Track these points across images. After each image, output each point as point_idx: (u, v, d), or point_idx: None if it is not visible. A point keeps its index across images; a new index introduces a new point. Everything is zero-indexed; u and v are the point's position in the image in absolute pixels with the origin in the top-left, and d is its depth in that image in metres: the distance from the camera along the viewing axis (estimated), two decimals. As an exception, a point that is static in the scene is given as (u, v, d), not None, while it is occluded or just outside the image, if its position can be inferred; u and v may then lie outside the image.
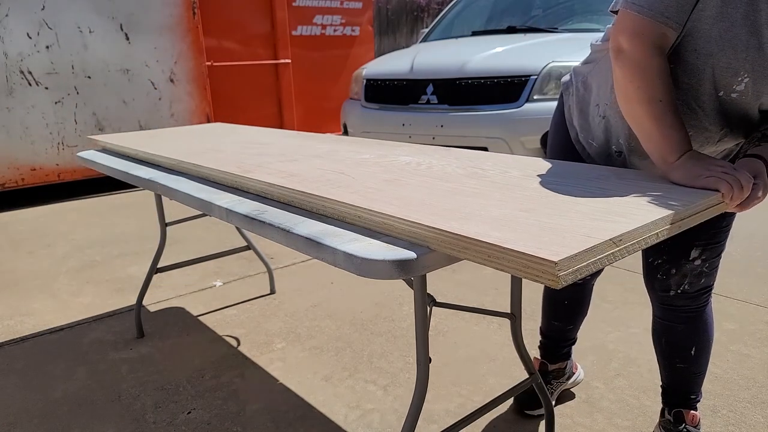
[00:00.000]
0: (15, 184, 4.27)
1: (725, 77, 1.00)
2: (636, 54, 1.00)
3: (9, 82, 4.11)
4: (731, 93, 1.02)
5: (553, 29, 3.82)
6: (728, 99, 1.03)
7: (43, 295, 2.62)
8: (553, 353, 1.66)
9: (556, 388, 1.66)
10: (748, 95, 1.01)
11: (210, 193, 1.27)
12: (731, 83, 1.00)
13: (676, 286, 1.29)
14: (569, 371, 1.69)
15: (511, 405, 1.68)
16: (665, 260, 1.28)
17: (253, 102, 5.70)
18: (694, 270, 1.26)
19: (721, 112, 1.06)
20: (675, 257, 1.26)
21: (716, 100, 1.03)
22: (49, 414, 1.72)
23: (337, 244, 0.87)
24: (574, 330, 1.64)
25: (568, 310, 1.59)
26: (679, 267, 1.27)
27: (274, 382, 1.84)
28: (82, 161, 1.99)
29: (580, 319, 1.62)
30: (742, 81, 0.99)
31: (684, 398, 1.41)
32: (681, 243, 1.25)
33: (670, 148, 0.99)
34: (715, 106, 1.05)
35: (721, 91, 1.02)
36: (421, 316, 1.01)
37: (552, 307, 1.61)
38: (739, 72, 0.98)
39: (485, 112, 3.33)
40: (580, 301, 1.58)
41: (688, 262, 1.25)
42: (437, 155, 1.41)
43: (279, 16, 5.68)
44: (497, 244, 0.74)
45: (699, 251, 1.24)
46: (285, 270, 2.82)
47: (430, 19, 11.70)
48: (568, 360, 1.68)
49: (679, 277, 1.28)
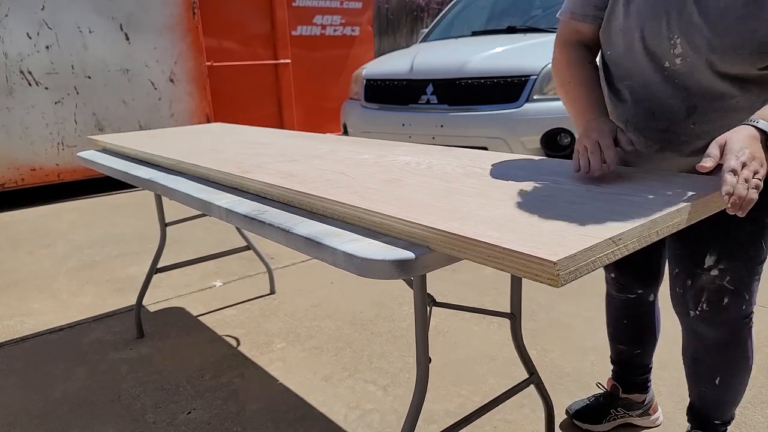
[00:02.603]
0: (15, 184, 4.27)
1: (659, 45, 1.03)
2: (554, 51, 1.22)
3: (9, 82, 4.11)
4: (675, 60, 1.02)
5: (553, 29, 3.82)
6: (676, 69, 1.03)
7: (43, 295, 2.62)
8: (625, 381, 1.52)
9: (617, 417, 1.54)
10: (691, 60, 1.00)
11: (210, 193, 1.27)
12: (668, 49, 1.02)
13: (694, 304, 1.16)
14: (644, 408, 1.54)
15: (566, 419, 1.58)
16: (681, 269, 1.18)
17: (253, 102, 5.70)
18: (711, 283, 1.13)
19: (677, 85, 1.05)
20: (689, 265, 1.15)
21: (664, 72, 1.05)
22: (49, 414, 1.72)
23: (337, 244, 0.87)
24: (644, 356, 1.49)
25: (631, 330, 1.46)
26: (693, 277, 1.15)
27: (274, 382, 1.84)
28: (82, 161, 1.99)
29: (648, 342, 1.47)
30: (676, 44, 1.01)
31: (706, 421, 1.30)
32: (694, 247, 1.14)
33: (576, 118, 1.14)
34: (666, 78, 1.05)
35: (665, 61, 1.04)
36: (420, 316, 1.01)
37: (614, 329, 1.50)
38: (670, 37, 1.01)
39: (485, 112, 3.33)
40: (641, 320, 1.45)
41: (704, 272, 1.13)
42: (437, 155, 1.41)
43: (279, 16, 5.69)
44: (496, 244, 0.74)
45: (714, 259, 1.11)
46: (285, 270, 2.82)
47: (430, 19, 11.70)
48: (645, 394, 1.53)
49: (694, 292, 1.15)
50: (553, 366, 1.86)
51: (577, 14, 1.15)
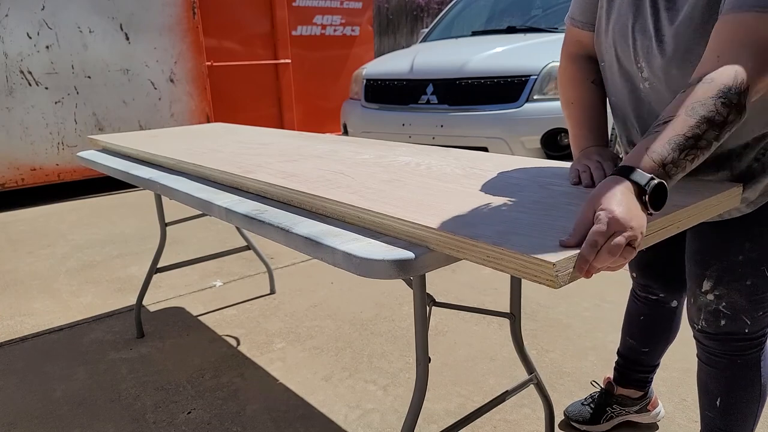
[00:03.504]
0: (15, 184, 4.27)
1: (630, 67, 1.03)
2: (560, 62, 1.20)
3: (9, 82, 4.11)
4: (645, 84, 1.01)
5: (553, 29, 3.82)
6: (646, 91, 1.01)
7: (43, 295, 2.62)
8: (624, 376, 1.52)
9: (614, 415, 1.53)
10: (656, 85, 0.98)
11: (210, 193, 1.27)
12: (636, 72, 1.01)
13: (696, 319, 1.16)
14: (642, 404, 1.53)
15: (566, 419, 1.58)
16: (689, 286, 1.17)
17: (253, 102, 5.70)
18: (708, 306, 1.11)
19: (650, 105, 1.03)
20: (692, 284, 1.14)
21: (636, 92, 1.04)
22: (49, 414, 1.72)
23: (337, 244, 0.87)
24: (651, 355, 1.47)
25: (644, 328, 1.45)
26: (695, 297, 1.14)
27: (274, 382, 1.85)
28: (82, 161, 1.99)
29: (658, 342, 1.46)
30: (642, 68, 0.99)
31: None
32: (694, 268, 1.13)
33: (576, 139, 1.14)
34: (639, 99, 1.04)
35: (638, 83, 1.02)
36: (420, 316, 1.02)
37: (628, 323, 1.49)
38: (636, 60, 1.00)
39: (485, 112, 3.33)
40: (658, 321, 1.43)
41: (702, 294, 1.12)
42: (437, 156, 1.41)
43: (279, 16, 5.68)
44: (496, 245, 0.74)
45: (711, 283, 1.09)
46: (285, 270, 2.82)
47: (430, 19, 11.70)
48: (644, 391, 1.52)
49: (696, 310, 1.15)
50: (553, 366, 1.87)
51: (576, 21, 1.15)
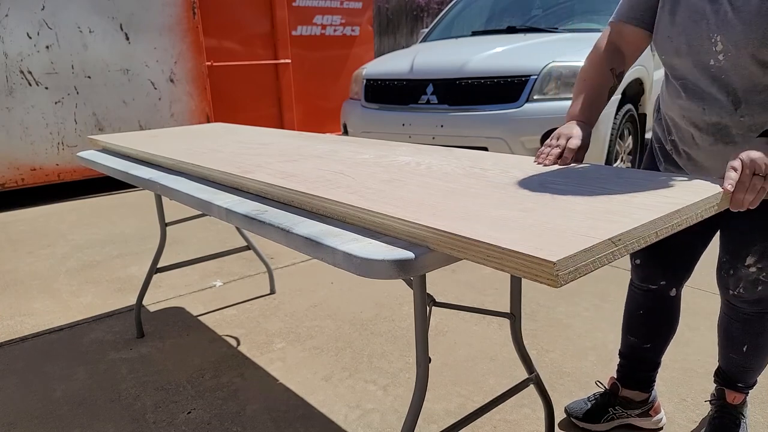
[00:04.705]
0: (15, 184, 4.27)
1: (702, 46, 1.11)
2: (589, 52, 1.34)
3: (9, 82, 4.11)
4: (719, 57, 1.09)
5: (553, 29, 3.82)
6: (720, 65, 1.10)
7: (43, 295, 2.62)
8: (628, 376, 1.53)
9: (615, 417, 1.54)
10: (733, 55, 1.07)
11: (210, 193, 1.27)
12: (710, 48, 1.10)
13: (733, 287, 1.30)
14: (645, 408, 1.53)
15: (566, 419, 1.58)
16: (727, 260, 1.29)
17: (253, 102, 5.70)
18: (749, 276, 1.26)
19: (723, 81, 1.12)
20: (733, 259, 1.27)
21: (710, 70, 1.13)
22: (49, 414, 1.72)
23: (337, 244, 0.87)
24: (654, 351, 1.49)
25: (644, 323, 1.47)
26: (735, 269, 1.27)
27: (274, 382, 1.85)
28: (82, 161, 1.99)
29: (660, 337, 1.48)
30: (717, 42, 1.08)
31: (730, 381, 1.43)
32: (738, 246, 1.25)
33: (569, 111, 1.31)
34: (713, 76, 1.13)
35: (710, 59, 1.11)
36: (420, 315, 1.01)
37: (628, 319, 1.51)
38: (710, 36, 1.09)
39: (485, 112, 3.33)
40: (658, 314, 1.45)
41: (744, 267, 1.26)
42: (437, 155, 1.41)
43: (279, 16, 5.69)
44: (496, 244, 0.74)
45: (755, 258, 1.23)
46: (285, 270, 2.82)
47: (430, 19, 11.70)
48: (648, 393, 1.53)
49: (735, 279, 1.29)
50: (553, 366, 1.87)
51: (624, 17, 1.28)
